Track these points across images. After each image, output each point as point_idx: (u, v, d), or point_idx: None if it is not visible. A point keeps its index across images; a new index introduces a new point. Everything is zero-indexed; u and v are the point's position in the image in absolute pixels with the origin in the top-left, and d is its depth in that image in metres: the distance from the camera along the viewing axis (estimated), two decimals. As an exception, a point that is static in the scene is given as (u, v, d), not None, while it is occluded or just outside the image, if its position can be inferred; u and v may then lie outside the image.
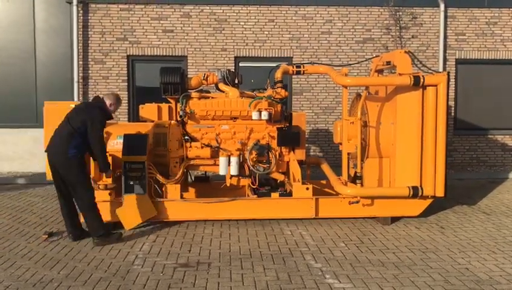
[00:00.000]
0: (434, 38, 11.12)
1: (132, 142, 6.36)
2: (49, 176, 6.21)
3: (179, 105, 6.80)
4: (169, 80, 6.76)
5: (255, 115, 6.57)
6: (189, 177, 7.67)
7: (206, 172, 7.65)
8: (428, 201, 6.60)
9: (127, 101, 10.77)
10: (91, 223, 5.75)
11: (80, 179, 5.68)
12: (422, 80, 6.23)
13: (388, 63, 6.70)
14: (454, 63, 11.21)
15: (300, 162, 6.98)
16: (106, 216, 6.28)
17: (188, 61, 10.80)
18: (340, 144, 6.82)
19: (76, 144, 5.62)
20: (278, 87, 6.91)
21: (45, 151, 5.78)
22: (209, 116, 6.75)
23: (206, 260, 5.21)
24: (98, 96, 6.18)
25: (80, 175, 5.68)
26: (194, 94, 6.82)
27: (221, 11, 10.79)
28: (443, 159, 6.34)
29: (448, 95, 6.36)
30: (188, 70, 10.67)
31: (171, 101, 7.09)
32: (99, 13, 10.66)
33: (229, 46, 10.83)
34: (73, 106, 6.34)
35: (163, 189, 6.56)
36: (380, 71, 7.22)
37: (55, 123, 6.26)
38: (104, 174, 6.09)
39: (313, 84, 11.02)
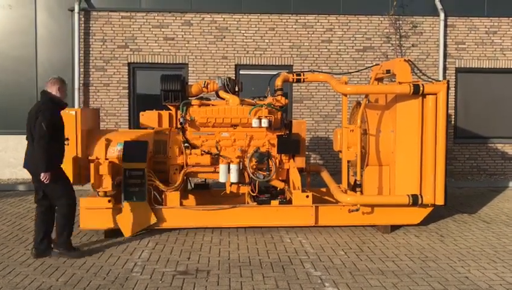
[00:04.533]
0: (434, 47, 11.16)
1: (132, 149, 6.38)
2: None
3: (179, 112, 6.82)
4: (169, 87, 6.79)
5: (255, 123, 6.58)
6: (189, 184, 7.67)
7: (206, 179, 7.66)
8: (428, 209, 6.59)
9: (127, 108, 10.81)
10: (61, 232, 5.49)
11: (57, 186, 5.36)
12: (422, 89, 6.25)
13: (388, 71, 6.72)
14: (454, 71, 11.25)
15: (300, 170, 6.98)
16: (106, 223, 6.29)
17: (189, 68, 10.85)
18: (340, 151, 6.83)
19: None
20: (278, 95, 6.94)
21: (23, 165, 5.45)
22: (210, 123, 6.76)
23: (205, 268, 5.20)
24: (43, 90, 5.66)
25: (56, 183, 5.33)
26: (194, 101, 6.84)
27: (222, 19, 10.85)
28: (443, 168, 6.34)
29: (448, 103, 6.38)
30: (189, 77, 10.70)
31: (172, 108, 7.11)
32: (100, 21, 10.72)
33: (229, 54, 10.88)
34: (73, 112, 6.37)
35: (163, 196, 6.56)
36: (379, 79, 7.24)
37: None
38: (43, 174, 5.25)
39: (313, 92, 11.05)
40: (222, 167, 6.65)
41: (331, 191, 6.77)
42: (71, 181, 5.84)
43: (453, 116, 11.28)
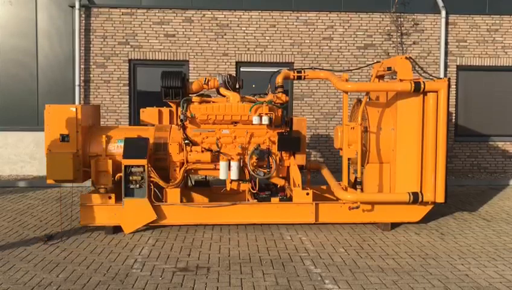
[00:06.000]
0: (435, 44, 11.14)
1: (133, 146, 6.38)
2: (50, 180, 6.25)
3: (179, 109, 6.81)
4: (170, 84, 6.79)
5: (255, 120, 6.58)
6: (189, 181, 7.68)
7: (206, 176, 7.65)
8: (429, 207, 6.59)
9: (128, 105, 10.80)
10: None
11: None
12: (423, 86, 6.24)
13: (389, 69, 6.71)
14: (455, 69, 11.23)
15: (301, 167, 6.98)
16: (106, 220, 6.30)
17: (190, 65, 10.83)
18: (341, 149, 6.82)
19: None
20: (278, 92, 6.93)
21: None
22: (210, 120, 6.76)
23: (205, 265, 5.20)
24: None
25: None
26: (195, 98, 6.84)
27: (223, 16, 10.83)
28: (443, 165, 6.34)
29: (448, 101, 6.37)
30: (190, 74, 10.70)
31: (172, 105, 7.11)
32: (101, 17, 10.70)
33: (230, 51, 10.86)
34: (73, 109, 6.37)
35: (163, 193, 6.56)
36: (380, 77, 7.23)
37: (56, 126, 6.30)
38: None
39: (313, 89, 11.04)
40: (222, 164, 6.64)
41: (331, 189, 6.77)
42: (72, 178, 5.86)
43: (454, 114, 11.26)
